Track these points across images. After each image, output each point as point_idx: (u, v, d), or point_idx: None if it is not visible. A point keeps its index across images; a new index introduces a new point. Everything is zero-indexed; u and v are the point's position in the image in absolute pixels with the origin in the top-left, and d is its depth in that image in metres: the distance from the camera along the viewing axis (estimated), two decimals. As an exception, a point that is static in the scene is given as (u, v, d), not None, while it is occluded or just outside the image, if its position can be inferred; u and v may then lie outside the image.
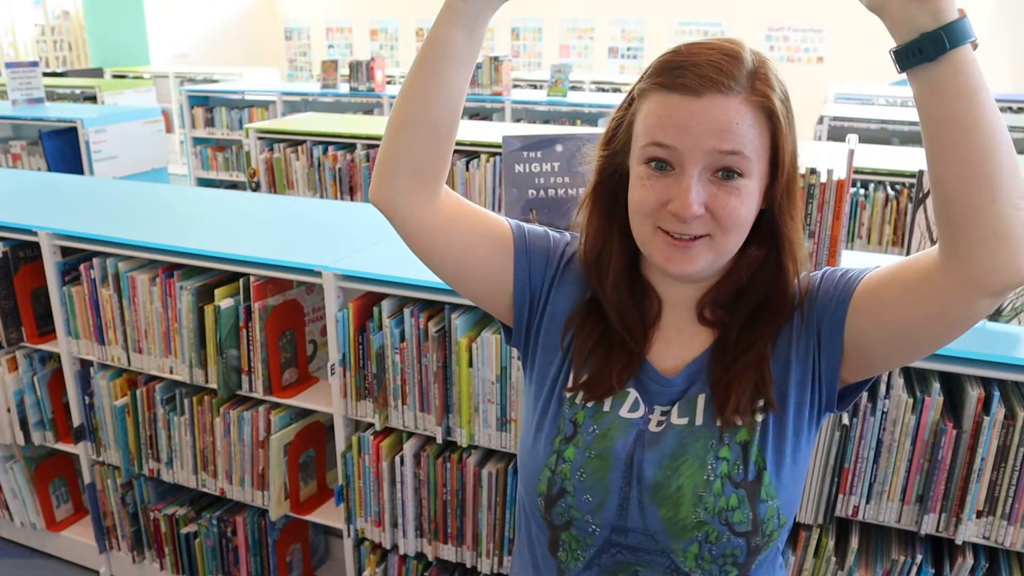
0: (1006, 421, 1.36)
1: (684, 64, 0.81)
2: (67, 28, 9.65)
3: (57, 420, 2.39)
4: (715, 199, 0.81)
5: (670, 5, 9.18)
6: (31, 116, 4.10)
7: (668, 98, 0.81)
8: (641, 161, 0.84)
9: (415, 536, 1.92)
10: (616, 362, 0.92)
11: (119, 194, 2.65)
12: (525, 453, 0.96)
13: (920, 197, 1.45)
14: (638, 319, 0.93)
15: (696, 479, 0.87)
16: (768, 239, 0.88)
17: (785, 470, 0.88)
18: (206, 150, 5.81)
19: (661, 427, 0.90)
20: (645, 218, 0.84)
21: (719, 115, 0.79)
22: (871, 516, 1.50)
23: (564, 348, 0.95)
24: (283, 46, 11.34)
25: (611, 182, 0.91)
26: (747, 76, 0.81)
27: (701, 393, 0.90)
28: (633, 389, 0.92)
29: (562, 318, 0.96)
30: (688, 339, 0.93)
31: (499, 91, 5.29)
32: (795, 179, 0.87)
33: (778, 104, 0.82)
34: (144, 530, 2.37)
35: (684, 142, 0.80)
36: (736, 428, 0.88)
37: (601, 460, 0.90)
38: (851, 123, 4.21)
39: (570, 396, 0.94)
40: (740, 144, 0.79)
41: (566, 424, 0.93)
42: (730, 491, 0.86)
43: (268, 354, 1.99)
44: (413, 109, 0.89)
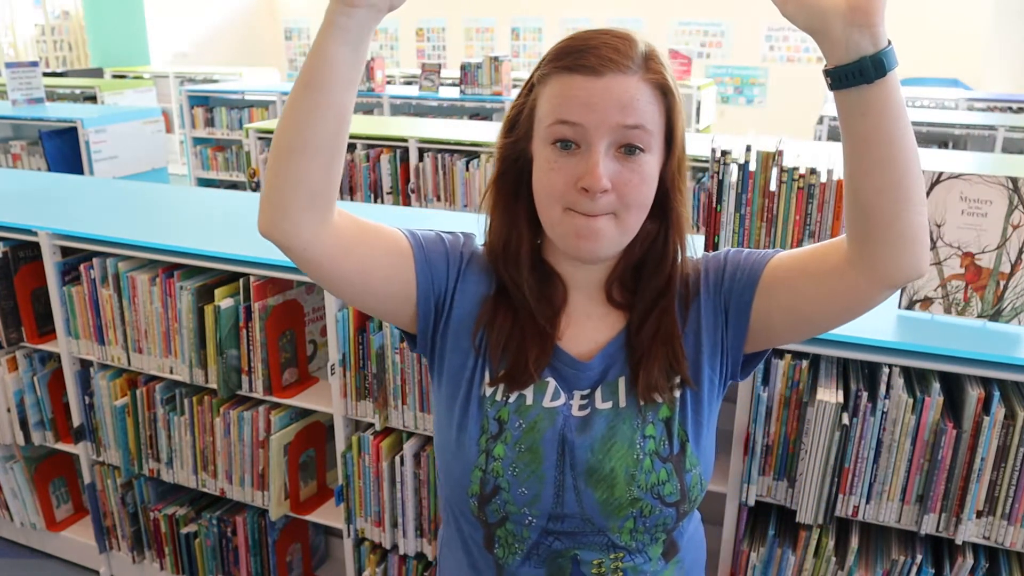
0: (1006, 421, 1.36)
1: (583, 48, 0.85)
2: (67, 28, 9.65)
3: (57, 420, 2.38)
4: (619, 176, 0.84)
5: (670, 5, 9.18)
6: (31, 116, 4.10)
7: (571, 79, 0.84)
8: (547, 142, 0.86)
9: (415, 536, 1.92)
10: (531, 350, 0.93)
11: (119, 194, 2.65)
12: (448, 456, 0.96)
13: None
14: (548, 303, 0.95)
15: (627, 459, 0.91)
16: (659, 214, 0.92)
17: (703, 439, 0.94)
18: (206, 150, 5.81)
19: (585, 411, 0.93)
20: (554, 201, 0.86)
21: (620, 92, 0.83)
22: (871, 516, 1.50)
23: (476, 346, 0.96)
24: (283, 46, 11.34)
25: (514, 169, 0.93)
26: (642, 57, 0.85)
27: (621, 376, 0.94)
28: (551, 378, 0.94)
29: (471, 318, 0.96)
30: (598, 323, 0.96)
31: (499, 91, 5.30)
32: (685, 157, 0.92)
33: (671, 82, 0.87)
34: (144, 530, 2.37)
35: (589, 119, 0.83)
36: (657, 405, 0.93)
37: (532, 453, 0.92)
38: (851, 123, 4.19)
39: (490, 394, 0.94)
40: (641, 118, 0.84)
41: (490, 423, 0.94)
42: (659, 466, 0.91)
43: (268, 354, 1.99)
44: (301, 133, 0.83)
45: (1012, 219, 1.40)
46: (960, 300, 1.47)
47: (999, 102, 5.36)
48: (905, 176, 0.76)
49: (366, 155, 3.90)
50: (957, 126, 4.23)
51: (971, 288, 1.46)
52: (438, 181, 3.82)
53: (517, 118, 0.92)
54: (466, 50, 10.32)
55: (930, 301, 1.49)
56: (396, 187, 3.90)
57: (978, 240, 1.43)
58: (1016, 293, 1.43)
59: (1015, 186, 1.39)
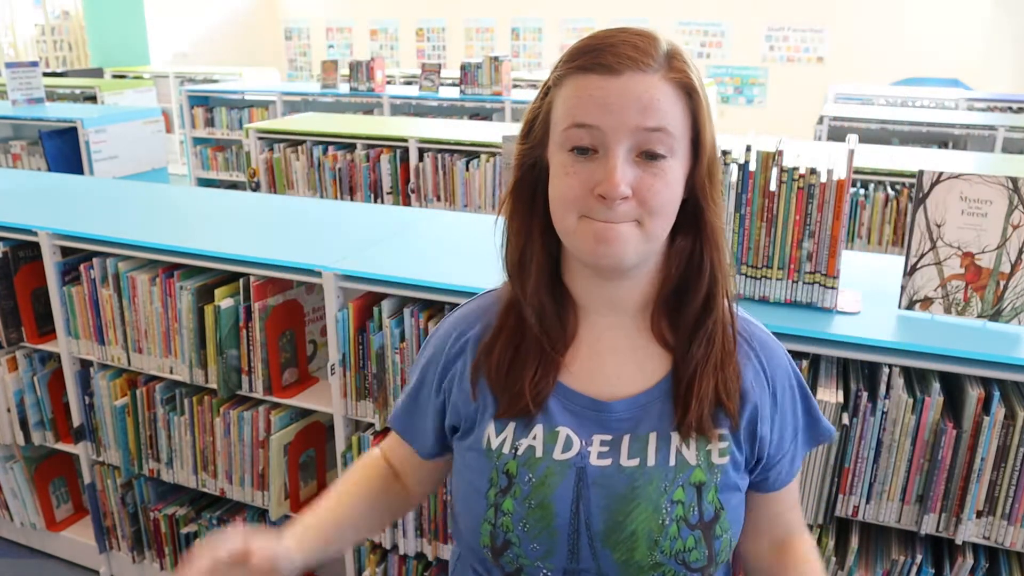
0: (1006, 421, 1.36)
1: (600, 46, 0.80)
2: (67, 28, 9.65)
3: (57, 420, 2.38)
4: (641, 181, 0.79)
5: (670, 5, 9.18)
6: (31, 116, 4.10)
7: (586, 79, 0.79)
8: (563, 148, 0.81)
9: (415, 536, 1.92)
10: (529, 373, 0.88)
11: (119, 194, 2.65)
12: (459, 505, 0.93)
13: (920, 197, 1.45)
14: (558, 325, 0.89)
15: (650, 523, 0.84)
16: (692, 227, 0.86)
17: (736, 504, 0.89)
18: (206, 150, 5.81)
19: (606, 462, 0.86)
20: (569, 208, 0.81)
21: (640, 91, 0.78)
22: (871, 516, 1.50)
23: (476, 395, 0.92)
24: (283, 46, 11.34)
25: (530, 177, 0.88)
26: (664, 55, 0.80)
27: (653, 431, 0.87)
28: (563, 425, 0.88)
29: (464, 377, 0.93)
30: (627, 359, 0.90)
31: (499, 91, 5.29)
32: (716, 164, 0.85)
33: (696, 82, 0.81)
34: (144, 530, 2.37)
35: (606, 121, 0.78)
36: (690, 468, 0.86)
37: (543, 509, 0.86)
38: (851, 123, 4.21)
39: (497, 446, 0.89)
40: (663, 120, 0.78)
41: (499, 476, 0.88)
42: (687, 534, 0.85)
43: (268, 354, 1.99)
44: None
45: (1012, 219, 1.40)
46: (960, 300, 1.47)
47: (999, 102, 5.36)
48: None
49: (366, 155, 3.90)
50: (957, 126, 4.23)
51: (971, 288, 1.46)
52: (438, 181, 3.82)
53: (533, 123, 0.87)
54: (466, 50, 10.32)
55: (930, 301, 1.49)
56: (396, 187, 3.90)
57: (978, 240, 1.43)
58: (1016, 293, 1.43)
59: (1015, 186, 1.39)
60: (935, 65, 7.97)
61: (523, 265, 0.89)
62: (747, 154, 1.51)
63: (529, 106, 0.89)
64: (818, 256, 1.50)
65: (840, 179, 1.45)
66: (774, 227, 1.51)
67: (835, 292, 1.51)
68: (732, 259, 0.92)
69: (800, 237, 1.50)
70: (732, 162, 1.51)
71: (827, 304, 1.52)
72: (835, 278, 1.50)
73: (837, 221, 1.47)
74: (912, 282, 1.49)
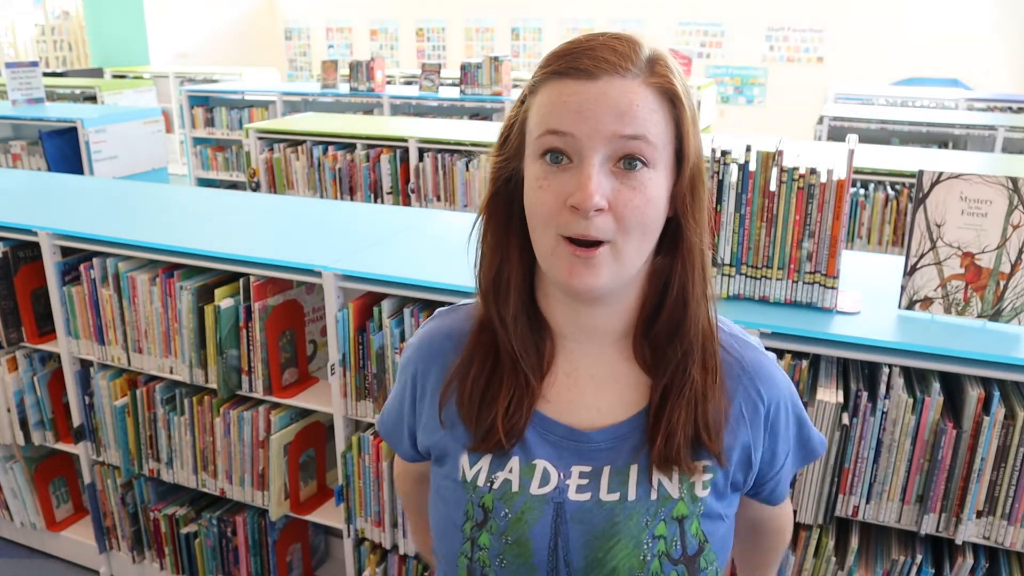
0: (1006, 421, 1.36)
1: (577, 50, 0.75)
2: (67, 28, 9.65)
3: (57, 420, 2.38)
4: (618, 195, 0.74)
5: (670, 5, 9.18)
6: (31, 116, 4.10)
7: (562, 84, 0.74)
8: (536, 156, 0.76)
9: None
10: (502, 401, 0.84)
11: (119, 194, 2.65)
12: (435, 533, 0.90)
13: (920, 197, 1.45)
14: (535, 351, 0.85)
15: (631, 560, 0.81)
16: (672, 247, 0.81)
17: (721, 535, 0.86)
18: (206, 150, 5.81)
19: (585, 496, 0.82)
20: (546, 224, 0.76)
21: (617, 96, 0.73)
22: (871, 516, 1.50)
23: (444, 422, 0.88)
24: (283, 46, 11.34)
25: (506, 190, 0.83)
26: (645, 60, 0.75)
27: (634, 464, 0.83)
28: (541, 458, 0.84)
29: (433, 401, 0.90)
30: (604, 387, 0.85)
31: (499, 91, 5.29)
32: (702, 177, 0.80)
33: (680, 88, 0.76)
34: (144, 530, 2.37)
35: (581, 128, 0.73)
36: (672, 502, 0.82)
37: (520, 546, 0.82)
38: (851, 123, 4.21)
39: (471, 479, 0.85)
40: (641, 127, 0.73)
41: (475, 509, 0.84)
42: (669, 568, 0.81)
43: (268, 354, 1.99)
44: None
45: (1012, 219, 1.40)
46: (960, 300, 1.47)
47: (999, 102, 5.36)
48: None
49: (366, 155, 3.90)
50: (957, 126, 4.23)
51: (971, 288, 1.46)
52: (438, 181, 3.82)
53: (509, 133, 0.82)
54: (466, 50, 10.32)
55: (930, 301, 1.49)
56: (396, 187, 3.90)
57: (978, 240, 1.43)
58: (1016, 293, 1.43)
59: (1015, 186, 1.39)
60: (935, 65, 7.97)
61: (498, 286, 0.84)
62: (747, 154, 1.51)
63: (506, 116, 0.84)
64: (818, 256, 1.50)
65: (840, 179, 1.45)
66: (774, 227, 1.51)
67: (835, 292, 1.51)
68: (713, 284, 0.85)
69: (800, 237, 1.50)
70: (732, 162, 1.51)
71: (827, 304, 1.52)
72: (835, 278, 1.50)
73: (837, 221, 1.47)
74: (912, 282, 1.49)
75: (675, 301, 0.82)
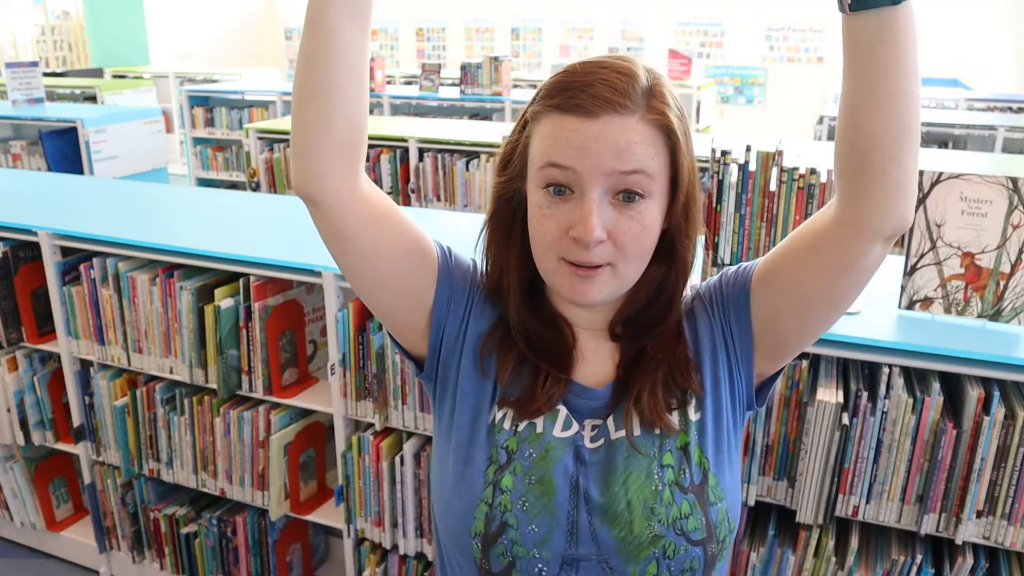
0: (1006, 421, 1.36)
1: (577, 85, 0.79)
2: (67, 28, 9.65)
3: (57, 420, 2.38)
4: (617, 225, 0.80)
5: (670, 5, 9.18)
6: (31, 116, 4.10)
7: (563, 120, 0.79)
8: (540, 185, 0.82)
9: (415, 536, 1.92)
10: (542, 384, 0.89)
11: (119, 194, 2.65)
12: (447, 493, 0.90)
13: (920, 197, 1.45)
14: (553, 342, 0.91)
15: (645, 491, 0.85)
16: (665, 258, 0.88)
17: (725, 469, 0.89)
18: (206, 150, 5.81)
19: (598, 443, 0.88)
20: (548, 249, 0.82)
21: (616, 135, 0.77)
22: (871, 516, 1.50)
23: (484, 370, 0.92)
24: (283, 46, 11.34)
25: (508, 208, 0.90)
26: (642, 94, 0.79)
27: (633, 412, 0.89)
28: (562, 406, 0.90)
29: (480, 341, 0.93)
30: (605, 357, 0.93)
31: (499, 91, 5.30)
32: (695, 198, 0.86)
33: (675, 121, 0.81)
34: (144, 530, 2.37)
35: (583, 164, 0.78)
36: (674, 433, 0.88)
37: (544, 485, 0.86)
38: (851, 123, 4.20)
39: (499, 421, 0.90)
40: (639, 163, 0.78)
41: (499, 452, 0.88)
42: (680, 498, 0.85)
43: (268, 354, 1.99)
44: (313, 76, 0.79)
45: (1012, 219, 1.40)
46: (960, 300, 1.47)
47: (999, 102, 5.36)
48: (911, 110, 0.71)
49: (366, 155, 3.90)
50: (957, 126, 4.23)
51: (971, 288, 1.46)
52: (438, 181, 3.82)
53: (511, 156, 0.88)
54: (466, 50, 10.32)
55: (930, 301, 1.49)
56: (396, 187, 3.90)
57: (978, 240, 1.43)
58: (1016, 293, 1.43)
59: (1015, 186, 1.39)
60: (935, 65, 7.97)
61: (501, 292, 0.92)
62: (747, 154, 1.51)
63: (507, 138, 0.89)
64: (818, 256, 1.50)
65: (840, 179, 1.45)
66: (774, 227, 1.51)
67: (835, 292, 1.51)
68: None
69: (800, 237, 1.50)
70: (732, 162, 1.51)
71: (827, 304, 1.51)
72: (835, 278, 1.50)
73: (837, 221, 1.47)
74: (912, 282, 1.50)
75: (663, 304, 0.90)
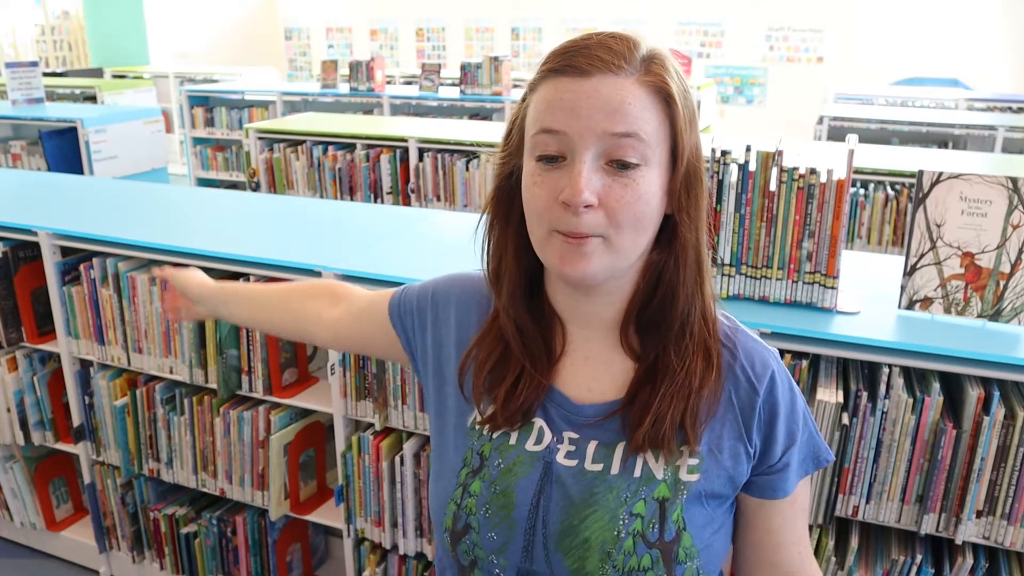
0: (1006, 421, 1.36)
1: (574, 48, 0.77)
2: (67, 28, 9.65)
3: (57, 420, 2.38)
4: (609, 191, 0.75)
5: (670, 5, 9.18)
6: (31, 116, 4.10)
7: (557, 82, 0.77)
8: (532, 155, 0.79)
9: (415, 536, 1.92)
10: (521, 390, 0.86)
11: (119, 194, 2.65)
12: (432, 485, 0.93)
13: (920, 197, 1.45)
14: (539, 340, 0.87)
15: (605, 533, 0.81)
16: (667, 242, 0.83)
17: (711, 532, 0.85)
18: (206, 150, 5.81)
19: (572, 462, 0.85)
20: (540, 218, 0.79)
21: (609, 93, 0.74)
22: (871, 516, 1.50)
23: (461, 380, 0.92)
24: (283, 46, 11.34)
25: (507, 186, 0.86)
26: (641, 59, 0.77)
27: (620, 441, 0.84)
28: (539, 418, 0.87)
29: (456, 349, 0.93)
30: (600, 368, 0.88)
31: (499, 91, 5.29)
32: (698, 175, 0.81)
33: (675, 88, 0.77)
34: (144, 530, 2.37)
35: (573, 125, 0.75)
36: (655, 482, 0.82)
37: (506, 497, 0.85)
38: (851, 123, 4.21)
39: (478, 427, 0.90)
40: (633, 125, 0.74)
41: (473, 456, 0.88)
42: (643, 551, 0.81)
43: (268, 354, 1.99)
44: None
45: (1012, 219, 1.40)
46: (960, 300, 1.47)
47: (999, 102, 5.36)
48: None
49: (366, 155, 3.90)
50: (957, 126, 4.23)
51: (971, 288, 1.46)
52: (438, 181, 3.82)
53: (511, 131, 0.86)
54: (466, 50, 10.32)
55: (930, 301, 1.49)
56: (396, 187, 3.90)
57: (978, 240, 1.43)
58: (1016, 293, 1.43)
59: (1015, 186, 1.39)
60: (935, 65, 7.97)
61: (499, 276, 0.89)
62: (747, 154, 1.51)
63: (510, 114, 0.87)
64: (818, 256, 1.50)
65: (840, 179, 1.45)
66: (774, 227, 1.51)
67: (835, 292, 1.51)
68: (711, 280, 0.86)
69: (800, 237, 1.50)
70: (732, 162, 1.51)
71: (827, 304, 1.52)
72: (835, 278, 1.50)
73: (837, 221, 1.47)
74: (912, 282, 1.50)
75: (663, 295, 0.83)
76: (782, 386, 0.87)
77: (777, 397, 0.87)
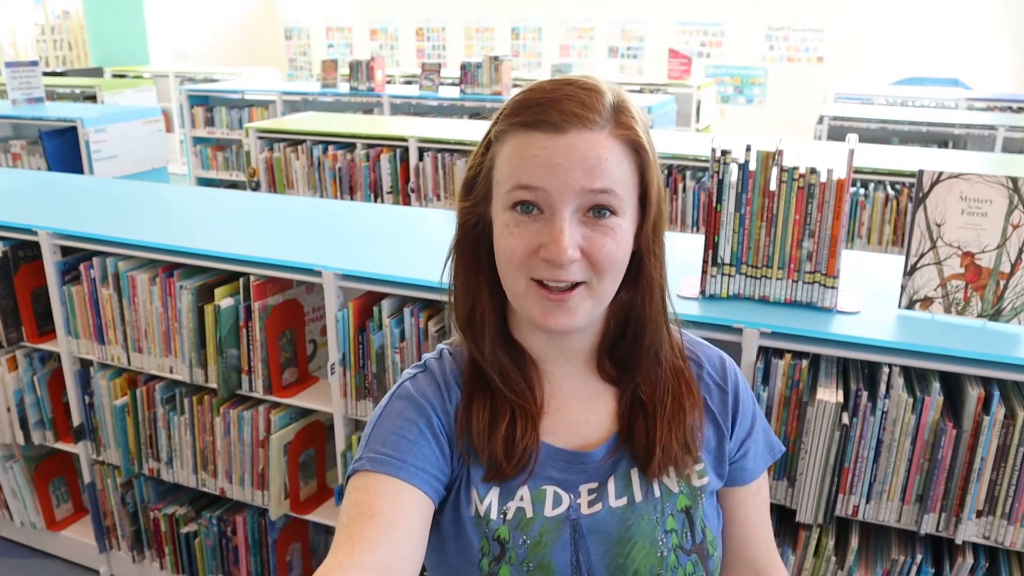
0: (1006, 421, 1.36)
1: (544, 101, 0.76)
2: (67, 28, 9.65)
3: (57, 420, 2.38)
4: (590, 241, 0.76)
5: (670, 5, 9.18)
6: (31, 116, 4.10)
7: (530, 137, 0.76)
8: (506, 207, 0.78)
9: (415, 536, 1.92)
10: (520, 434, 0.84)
11: (119, 194, 2.65)
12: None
13: (920, 197, 1.45)
14: (521, 380, 0.86)
15: (650, 559, 0.84)
16: (634, 281, 0.85)
17: (718, 521, 0.93)
18: (206, 150, 5.81)
19: (596, 507, 0.85)
20: (517, 270, 0.78)
21: (586, 150, 0.75)
22: (871, 516, 1.50)
23: (448, 457, 0.85)
24: (283, 46, 11.34)
25: (472, 235, 0.85)
26: (611, 110, 0.77)
27: (633, 467, 0.87)
28: (547, 485, 0.85)
29: (452, 430, 0.87)
30: (590, 404, 0.88)
31: (499, 91, 5.29)
32: (664, 216, 0.85)
33: (643, 137, 0.79)
34: (144, 530, 2.37)
35: (552, 182, 0.75)
36: (674, 496, 0.87)
37: (544, 570, 0.83)
38: (851, 123, 4.21)
39: (484, 513, 0.84)
40: (610, 181, 0.76)
41: (490, 544, 0.83)
42: (684, 560, 0.86)
43: (268, 354, 1.99)
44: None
45: (1012, 219, 1.40)
46: (960, 300, 1.47)
47: (999, 102, 5.36)
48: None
49: (366, 155, 3.90)
50: (957, 126, 4.23)
51: (971, 288, 1.46)
52: (438, 180, 3.82)
53: (475, 180, 0.83)
54: (466, 50, 10.32)
55: (930, 301, 1.49)
56: (396, 187, 3.90)
57: (978, 240, 1.43)
58: (1016, 293, 1.43)
59: (1015, 186, 1.39)
60: (935, 65, 7.97)
61: (473, 322, 0.87)
62: (747, 154, 1.51)
63: (469, 162, 0.85)
64: (818, 256, 1.50)
65: (840, 179, 1.45)
66: (774, 227, 1.51)
67: (835, 292, 1.51)
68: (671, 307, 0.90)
69: (800, 237, 1.50)
70: (732, 162, 1.51)
71: (827, 304, 1.52)
72: (835, 278, 1.50)
73: (837, 221, 1.47)
74: (912, 282, 1.49)
75: (634, 332, 0.87)
76: (741, 380, 0.96)
77: (739, 390, 0.95)
